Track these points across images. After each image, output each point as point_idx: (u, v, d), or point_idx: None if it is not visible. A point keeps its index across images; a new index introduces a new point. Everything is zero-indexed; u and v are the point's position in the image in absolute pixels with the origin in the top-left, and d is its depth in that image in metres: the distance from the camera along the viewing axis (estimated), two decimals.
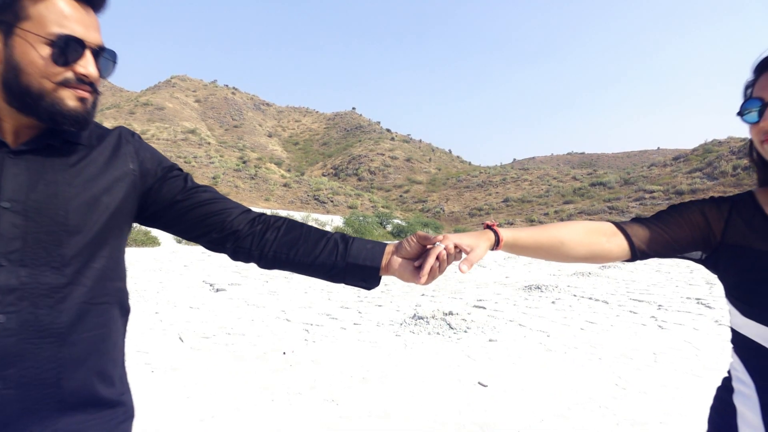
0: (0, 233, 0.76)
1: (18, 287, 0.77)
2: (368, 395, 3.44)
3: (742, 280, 0.94)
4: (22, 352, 0.77)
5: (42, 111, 0.79)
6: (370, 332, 5.48)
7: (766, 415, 0.88)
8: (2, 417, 0.75)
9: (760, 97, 0.90)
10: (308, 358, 4.35)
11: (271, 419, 2.99)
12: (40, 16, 0.76)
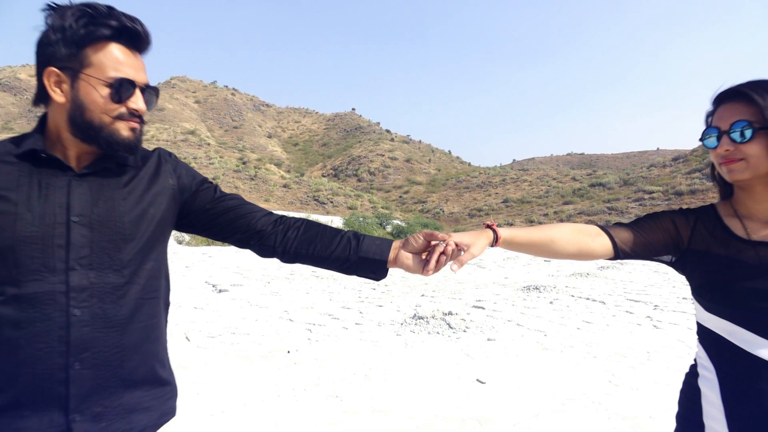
0: (72, 242, 0.92)
1: (88, 287, 0.93)
2: (371, 392, 3.57)
3: (705, 281, 1.10)
4: (94, 339, 0.93)
5: (101, 140, 0.95)
6: (371, 332, 5.61)
7: (724, 395, 1.03)
8: (81, 391, 0.92)
9: (717, 126, 1.05)
10: (312, 357, 4.48)
11: (278, 414, 3.13)
12: (100, 63, 0.93)
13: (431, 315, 6.23)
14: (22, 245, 0.89)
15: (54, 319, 0.90)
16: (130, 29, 0.95)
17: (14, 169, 0.93)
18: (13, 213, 0.90)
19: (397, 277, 12.04)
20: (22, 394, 0.89)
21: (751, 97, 1.02)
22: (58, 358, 0.90)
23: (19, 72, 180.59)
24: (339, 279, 11.37)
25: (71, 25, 0.91)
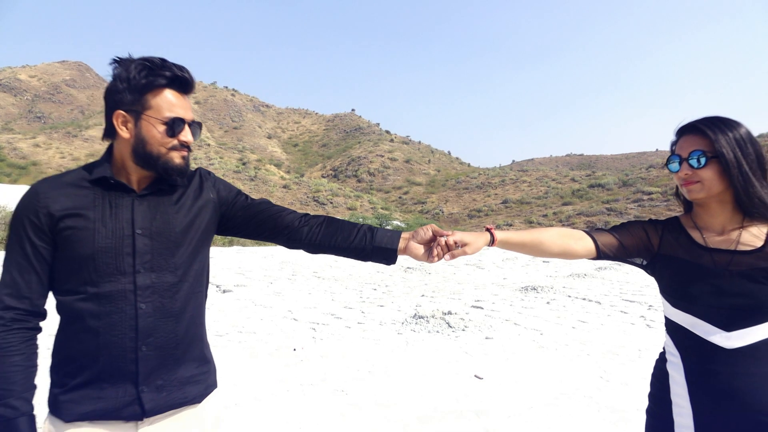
0: (137, 251, 1.14)
1: (150, 285, 1.15)
2: (374, 386, 3.77)
3: (671, 281, 1.32)
4: (156, 327, 1.15)
5: (159, 167, 1.17)
6: (373, 330, 5.81)
7: (687, 374, 1.25)
8: (147, 368, 1.14)
9: (679, 154, 1.28)
10: (317, 354, 4.68)
11: (288, 407, 3.32)
12: (158, 105, 1.14)
13: (431, 314, 6.42)
14: (100, 254, 1.11)
15: (125, 312, 1.12)
16: (180, 77, 1.16)
17: (90, 192, 1.15)
18: (92, 228, 1.12)
19: (398, 278, 12.24)
20: (102, 371, 1.11)
21: (705, 131, 1.24)
22: (129, 342, 1.12)
23: (19, 73, 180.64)
24: (340, 279, 11.57)
25: (134, 76, 1.12)
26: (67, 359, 1.13)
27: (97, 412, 1.11)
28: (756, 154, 1.22)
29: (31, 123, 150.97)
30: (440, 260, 1.33)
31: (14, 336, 1.09)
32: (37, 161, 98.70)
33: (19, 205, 1.13)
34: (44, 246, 1.11)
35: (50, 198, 1.11)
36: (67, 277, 1.12)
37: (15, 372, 1.08)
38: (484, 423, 3.12)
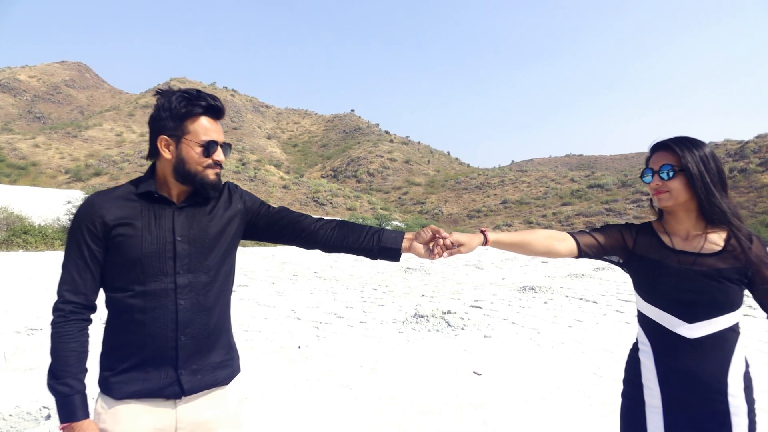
0: (177, 254, 1.33)
1: (188, 284, 1.33)
2: (377, 382, 3.94)
3: (643, 278, 1.51)
4: (192, 320, 1.33)
5: (196, 183, 1.35)
6: (375, 329, 5.97)
7: (657, 362, 1.44)
8: (185, 355, 1.32)
9: (651, 168, 1.47)
10: (321, 352, 4.84)
11: (296, 401, 3.49)
12: (195, 130, 1.34)
13: (431, 314, 6.59)
14: (146, 258, 1.30)
15: (167, 307, 1.31)
16: (213, 106, 1.36)
17: (137, 204, 1.34)
18: (140, 236, 1.30)
19: (398, 278, 12.40)
20: (147, 357, 1.30)
21: (674, 149, 1.43)
22: (170, 333, 1.31)
23: (19, 73, 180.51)
24: (341, 280, 11.73)
25: (176, 106, 1.32)
26: (116, 346, 1.31)
27: (143, 391, 1.29)
28: (717, 169, 1.41)
29: (30, 123, 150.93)
30: (440, 258, 1.51)
31: (72, 326, 1.27)
32: (36, 161, 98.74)
33: (77, 214, 1.31)
34: (98, 250, 1.30)
35: (105, 209, 1.29)
36: (118, 277, 1.30)
37: (71, 356, 1.26)
38: (482, 415, 3.28)
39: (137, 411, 1.29)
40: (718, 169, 1.41)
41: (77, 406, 1.24)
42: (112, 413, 1.29)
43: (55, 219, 24.18)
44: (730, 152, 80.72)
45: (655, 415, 1.43)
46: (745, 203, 65.23)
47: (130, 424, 1.28)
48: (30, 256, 17.11)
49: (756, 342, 5.54)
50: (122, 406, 1.29)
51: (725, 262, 1.38)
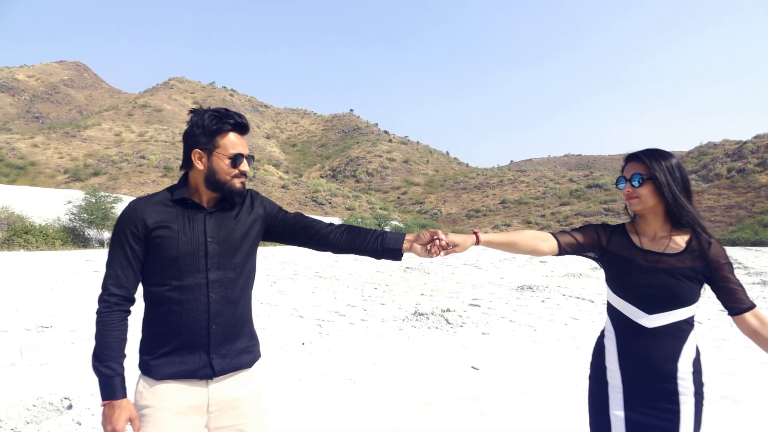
0: (208, 253, 1.49)
1: (218, 280, 1.50)
2: (380, 376, 4.10)
3: (614, 273, 1.69)
4: (222, 311, 1.50)
5: (225, 190, 1.52)
6: (376, 327, 6.13)
7: (619, 347, 1.62)
8: (215, 341, 1.49)
9: (624, 176, 1.65)
10: (324, 348, 5.00)
11: (302, 393, 3.65)
12: (225, 145, 1.51)
13: (431, 312, 6.75)
14: (183, 256, 1.46)
15: (200, 300, 1.47)
16: (240, 123, 1.53)
17: (173, 209, 1.50)
18: (176, 237, 1.47)
19: (398, 277, 12.57)
20: (183, 343, 1.47)
21: (644, 160, 1.62)
22: (203, 322, 1.48)
23: (17, 73, 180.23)
24: (341, 279, 11.89)
25: (208, 123, 1.49)
26: (155, 334, 1.48)
27: (180, 373, 1.46)
28: (682, 178, 1.60)
29: (29, 123, 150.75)
30: (437, 256, 1.70)
31: (115, 316, 1.44)
32: (35, 161, 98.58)
33: (121, 218, 1.47)
34: (140, 249, 1.46)
35: (145, 213, 1.46)
36: (157, 273, 1.47)
37: (113, 343, 1.43)
38: (479, 407, 3.44)
39: (175, 390, 1.46)
40: (683, 177, 1.60)
41: (117, 386, 1.41)
42: (153, 392, 1.45)
43: (56, 219, 24.30)
44: (728, 152, 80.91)
45: (616, 394, 1.61)
46: (743, 203, 65.46)
47: (170, 401, 1.45)
48: (31, 255, 17.23)
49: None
50: (162, 385, 1.45)
51: (684, 262, 1.55)
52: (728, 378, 4.21)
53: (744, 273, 15.47)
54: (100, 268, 13.06)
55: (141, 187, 79.66)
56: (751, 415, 3.40)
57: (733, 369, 4.48)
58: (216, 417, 1.52)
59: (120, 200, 25.64)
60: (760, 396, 3.76)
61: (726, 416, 3.37)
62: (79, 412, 2.94)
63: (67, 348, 4.74)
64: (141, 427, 1.44)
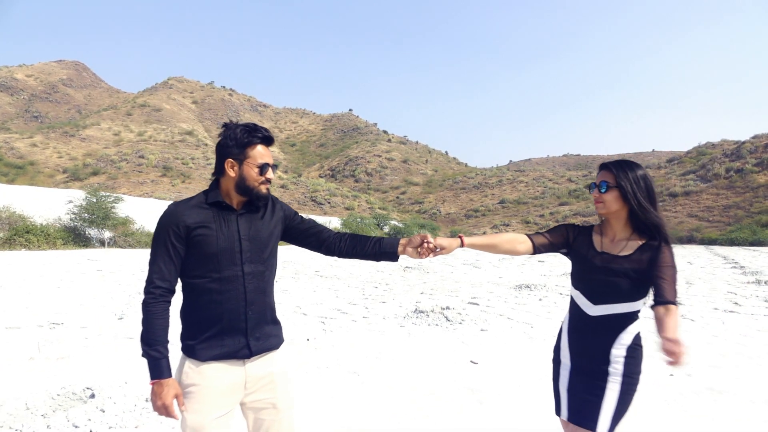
0: (243, 249, 1.70)
1: (251, 272, 1.71)
2: (383, 369, 4.28)
3: (575, 267, 1.94)
4: (255, 299, 1.71)
5: (252, 195, 1.73)
6: (377, 324, 6.31)
7: (569, 331, 1.90)
8: (251, 325, 1.70)
9: (594, 182, 1.89)
10: (328, 343, 5.18)
11: (309, 385, 3.83)
12: (253, 156, 1.72)
13: (431, 309, 6.93)
14: (221, 252, 1.68)
15: (238, 290, 1.69)
16: (267, 136, 1.75)
17: (209, 211, 1.71)
18: (215, 235, 1.68)
19: (398, 276, 12.75)
20: (223, 328, 1.68)
21: (611, 169, 1.85)
22: (241, 309, 1.69)
23: (16, 72, 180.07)
24: (342, 278, 12.07)
25: (239, 136, 1.70)
26: (197, 321, 1.68)
27: (222, 354, 1.67)
28: (647, 188, 1.82)
29: (28, 122, 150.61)
30: (426, 258, 1.95)
31: (159, 306, 1.62)
32: (34, 161, 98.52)
33: (163, 219, 1.67)
34: (181, 246, 1.66)
35: (185, 215, 1.66)
36: (198, 267, 1.67)
37: (159, 330, 1.62)
38: (478, 397, 3.63)
39: (218, 370, 1.66)
40: (647, 187, 1.82)
41: (164, 367, 1.60)
42: (198, 371, 1.65)
43: (57, 218, 24.42)
44: (726, 152, 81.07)
45: (564, 371, 1.89)
46: (741, 203, 65.55)
47: (213, 380, 1.65)
48: (33, 255, 17.38)
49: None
50: (206, 365, 1.66)
51: (632, 264, 1.77)
52: (715, 371, 4.40)
53: (740, 272, 15.68)
54: (104, 267, 13.23)
55: (140, 187, 79.67)
56: (733, 404, 3.60)
57: (720, 363, 4.67)
58: (251, 392, 1.73)
59: (121, 200, 25.73)
60: (743, 387, 3.96)
61: (710, 405, 3.56)
62: (102, 400, 3.12)
63: (80, 343, 4.92)
64: (186, 402, 1.64)
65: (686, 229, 62.27)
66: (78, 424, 2.80)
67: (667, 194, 77.15)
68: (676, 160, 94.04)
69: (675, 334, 1.55)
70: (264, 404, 1.75)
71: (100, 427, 2.81)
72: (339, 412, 3.35)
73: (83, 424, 2.81)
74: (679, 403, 3.61)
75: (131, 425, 2.90)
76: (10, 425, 2.76)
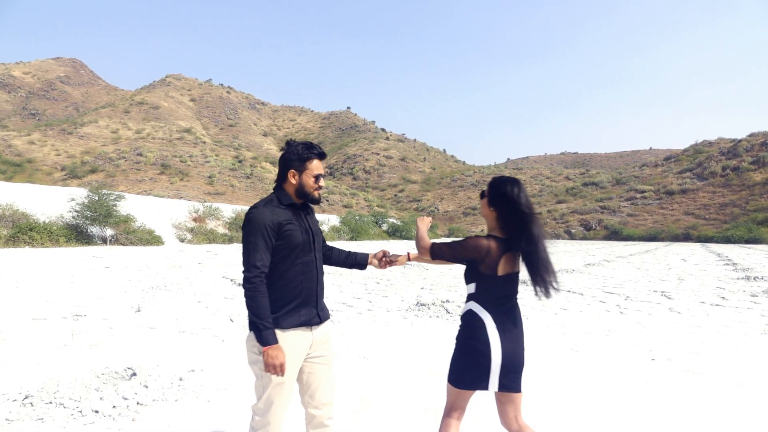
0: (313, 240, 2.17)
1: (318, 258, 2.22)
2: (390, 354, 4.66)
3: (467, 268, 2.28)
4: (321, 279, 2.22)
5: (308, 198, 2.18)
6: (382, 316, 6.69)
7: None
8: (319, 299, 2.19)
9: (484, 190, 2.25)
10: (337, 333, 5.55)
11: None
12: (310, 167, 2.17)
13: (431, 303, 7.31)
14: (303, 242, 2.14)
15: (312, 272, 2.17)
16: (321, 153, 2.20)
17: (287, 211, 2.14)
18: (298, 229, 2.13)
19: (398, 273, 13.12)
20: (301, 302, 2.12)
21: (486, 188, 2.26)
22: (315, 286, 2.17)
23: (13, 69, 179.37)
24: (344, 274, 12.44)
25: (300, 152, 2.16)
26: (282, 297, 2.08)
27: (300, 323, 2.11)
28: (513, 199, 2.20)
29: (25, 120, 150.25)
30: (385, 268, 2.50)
31: (263, 285, 2.02)
32: (32, 158, 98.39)
33: (257, 218, 2.05)
34: (273, 239, 2.06)
35: (276, 214, 2.09)
36: (287, 254, 2.09)
37: (265, 305, 2.00)
38: None
39: (296, 336, 2.09)
40: (513, 199, 2.18)
41: (272, 336, 1.98)
42: (282, 338, 2.04)
43: (59, 216, 24.70)
44: (723, 150, 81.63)
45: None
46: (737, 201, 66.12)
47: (293, 344, 2.07)
48: (37, 252, 17.68)
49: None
50: (288, 332, 2.07)
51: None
52: (694, 356, 4.79)
53: (731, 269, 16.10)
54: (111, 264, 13.57)
55: (138, 185, 79.70)
56: (705, 383, 3.98)
57: (699, 350, 5.06)
58: (313, 350, 2.17)
59: (122, 198, 26.04)
60: (717, 370, 4.34)
61: (685, 384, 3.95)
62: (143, 378, 3.49)
63: (107, 333, 5.28)
64: None
65: (683, 227, 62.85)
66: (127, 397, 3.18)
67: (664, 192, 77.69)
68: (673, 158, 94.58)
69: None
70: (320, 360, 2.19)
71: (145, 399, 3.19)
72: (354, 387, 3.71)
73: (131, 396, 3.19)
74: (658, 382, 4.00)
75: (171, 398, 3.28)
76: (69, 396, 3.13)
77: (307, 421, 2.23)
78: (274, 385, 2.02)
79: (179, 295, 8.05)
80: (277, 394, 2.03)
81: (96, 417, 2.98)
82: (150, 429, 2.87)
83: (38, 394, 3.14)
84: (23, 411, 2.98)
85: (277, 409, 2.05)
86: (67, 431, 2.80)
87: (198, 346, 4.82)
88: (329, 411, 2.22)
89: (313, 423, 2.21)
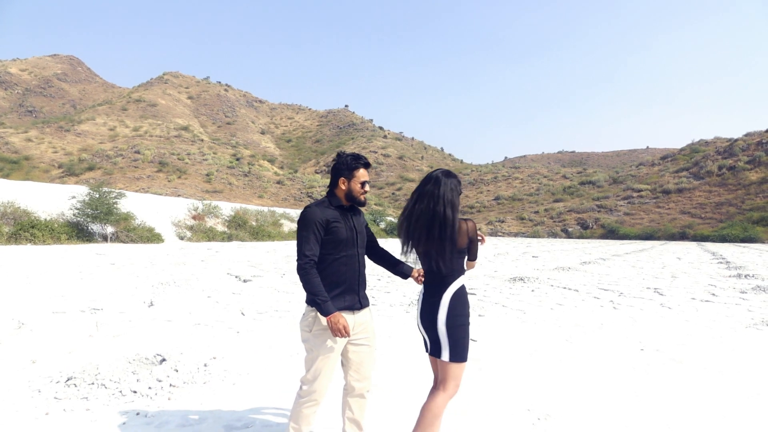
0: (356, 237, 2.48)
1: (360, 253, 2.53)
2: (395, 346, 4.95)
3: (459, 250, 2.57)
4: (362, 270, 2.58)
5: (356, 202, 2.53)
6: (385, 310, 6.99)
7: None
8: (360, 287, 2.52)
9: None
10: None
11: None
12: (357, 175, 2.51)
13: None
14: (347, 238, 2.46)
15: (354, 264, 2.49)
16: (367, 163, 2.53)
17: (335, 211, 2.46)
18: (343, 227, 2.45)
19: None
20: (345, 288, 2.44)
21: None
22: (357, 275, 2.50)
23: (10, 66, 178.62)
24: None
25: (349, 162, 2.48)
26: (329, 283, 2.41)
27: (344, 306, 2.42)
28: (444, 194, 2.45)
29: (22, 117, 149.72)
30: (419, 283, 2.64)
31: (314, 270, 2.35)
32: (29, 156, 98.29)
33: (309, 215, 2.38)
34: (321, 234, 2.39)
35: (325, 213, 2.42)
36: (333, 248, 2.42)
37: (318, 284, 2.33)
38: (478, 365, 4.31)
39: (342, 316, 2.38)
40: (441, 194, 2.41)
41: (331, 306, 2.31)
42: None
43: (60, 213, 24.90)
44: (719, 150, 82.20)
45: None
46: (733, 200, 66.65)
47: None
48: (39, 249, 17.88)
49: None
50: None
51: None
52: (681, 347, 5.11)
53: (724, 267, 16.47)
54: (116, 261, 13.82)
55: (136, 182, 79.71)
56: (689, 370, 4.30)
57: (686, 341, 5.38)
58: (355, 334, 2.48)
59: (123, 195, 26.25)
60: (701, 359, 4.66)
61: (670, 371, 4.26)
62: (173, 363, 3.78)
63: (127, 325, 5.56)
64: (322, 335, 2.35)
65: (679, 226, 63.38)
66: (161, 379, 3.48)
67: (660, 191, 78.17)
68: (670, 158, 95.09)
69: None
70: (363, 342, 2.51)
71: (177, 382, 3.49)
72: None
73: (164, 378, 3.48)
74: (645, 370, 4.31)
75: (200, 381, 3.58)
76: (109, 378, 3.42)
77: (347, 391, 2.55)
78: (322, 358, 2.35)
79: (188, 291, 8.33)
80: (323, 366, 2.36)
81: (135, 396, 3.28)
82: (185, 406, 3.17)
83: (80, 377, 3.44)
84: (69, 391, 3.27)
85: (322, 380, 2.38)
86: (111, 408, 3.09)
87: (214, 337, 5.11)
88: (368, 384, 2.55)
89: (353, 393, 2.53)
